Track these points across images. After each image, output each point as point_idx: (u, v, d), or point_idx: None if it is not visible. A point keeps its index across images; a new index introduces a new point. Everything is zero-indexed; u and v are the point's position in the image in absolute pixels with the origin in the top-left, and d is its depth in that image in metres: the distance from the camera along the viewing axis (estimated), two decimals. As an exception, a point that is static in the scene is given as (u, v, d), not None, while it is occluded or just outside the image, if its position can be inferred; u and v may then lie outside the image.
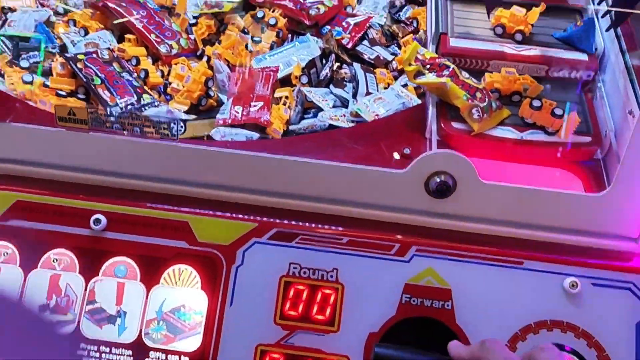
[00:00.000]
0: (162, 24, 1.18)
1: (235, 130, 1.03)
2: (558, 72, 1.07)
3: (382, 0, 1.30)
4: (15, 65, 1.10)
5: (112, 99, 1.04)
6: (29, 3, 1.24)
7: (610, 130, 0.99)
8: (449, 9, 1.16)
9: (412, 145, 1.00)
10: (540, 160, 0.99)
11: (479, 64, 1.07)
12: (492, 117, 1.00)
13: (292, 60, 1.17)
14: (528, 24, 1.10)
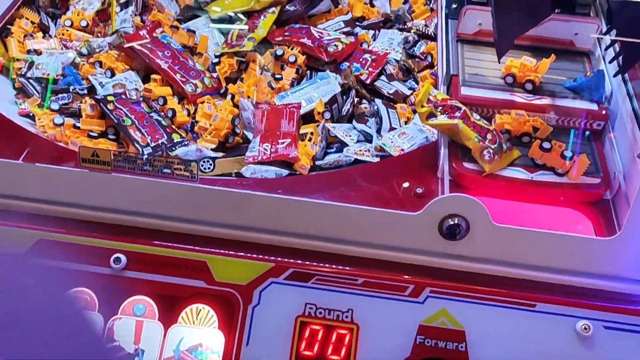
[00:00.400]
0: (187, 63, 1.21)
1: (265, 167, 1.06)
2: (568, 121, 1.09)
3: (397, 37, 1.34)
4: (49, 108, 1.13)
5: (143, 139, 1.06)
6: (54, 45, 1.27)
7: (619, 172, 1.00)
8: (460, 51, 1.18)
9: (425, 184, 1.02)
10: (550, 201, 1.00)
11: (490, 112, 1.09)
12: (503, 158, 1.01)
13: (313, 97, 1.20)
14: (538, 74, 1.12)
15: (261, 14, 1.33)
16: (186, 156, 1.08)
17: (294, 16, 1.35)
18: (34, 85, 1.18)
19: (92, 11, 1.38)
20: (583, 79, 1.11)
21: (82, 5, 1.41)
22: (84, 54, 1.27)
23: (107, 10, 1.31)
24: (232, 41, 1.29)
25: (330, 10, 1.38)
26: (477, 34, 1.20)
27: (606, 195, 1.01)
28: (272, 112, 1.16)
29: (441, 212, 0.91)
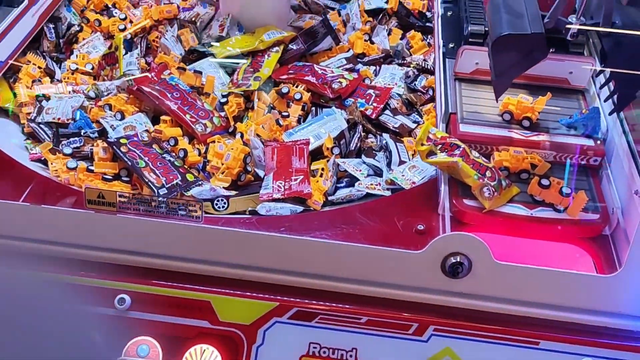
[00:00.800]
0: (195, 104, 1.23)
1: (280, 204, 1.07)
2: (566, 157, 1.11)
3: (398, 72, 1.37)
4: (58, 152, 1.14)
5: (158, 181, 1.07)
6: (62, 89, 1.29)
7: (617, 207, 1.02)
8: (457, 89, 1.20)
9: (426, 221, 1.03)
10: (550, 237, 1.01)
11: (488, 149, 1.12)
12: (503, 195, 1.03)
13: (321, 133, 1.22)
14: (535, 111, 1.14)
15: (265, 53, 1.36)
16: (200, 195, 1.09)
17: (297, 54, 1.39)
18: (45, 130, 1.20)
19: (97, 55, 1.40)
20: (579, 116, 1.14)
21: (86, 49, 1.43)
22: (92, 97, 1.29)
23: (114, 54, 1.33)
24: (238, 80, 1.31)
25: (331, 47, 1.42)
26: (474, 72, 1.22)
27: (605, 230, 1.02)
28: (282, 149, 1.18)
29: (443, 250, 0.92)
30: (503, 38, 0.98)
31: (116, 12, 1.53)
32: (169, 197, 1.06)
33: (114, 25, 1.48)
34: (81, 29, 1.48)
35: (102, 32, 1.48)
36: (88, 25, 1.49)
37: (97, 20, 1.49)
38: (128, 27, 1.46)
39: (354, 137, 1.22)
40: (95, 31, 1.49)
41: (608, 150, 1.10)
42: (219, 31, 1.40)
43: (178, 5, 1.53)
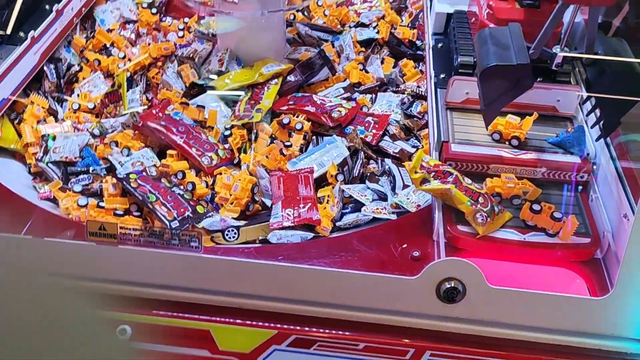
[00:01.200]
0: (200, 137, 1.26)
1: (290, 232, 1.10)
2: (554, 174, 1.14)
3: (394, 99, 1.42)
4: (68, 190, 1.15)
5: (169, 214, 1.09)
6: (66, 128, 1.31)
7: (607, 231, 1.04)
8: (449, 118, 1.24)
9: (421, 247, 1.05)
10: (543, 261, 1.03)
11: (479, 168, 1.15)
12: (495, 221, 1.05)
13: (323, 161, 1.26)
14: (523, 130, 1.18)
15: (264, 85, 1.40)
16: (212, 227, 1.11)
17: (295, 86, 1.43)
18: (53, 169, 1.21)
19: (98, 93, 1.43)
20: (565, 135, 1.18)
21: (87, 88, 1.46)
22: (97, 135, 1.31)
23: (117, 91, 1.36)
24: (240, 113, 1.34)
25: (328, 78, 1.46)
26: (465, 102, 1.26)
27: (597, 254, 1.04)
28: (288, 178, 1.21)
29: (438, 275, 0.95)
30: (490, 69, 1.01)
31: (115, 51, 1.56)
32: (181, 229, 1.08)
33: (114, 64, 1.52)
34: (81, 68, 1.51)
35: (102, 71, 1.51)
36: (87, 65, 1.52)
37: (96, 59, 1.52)
38: (127, 65, 1.50)
39: (356, 164, 1.26)
40: (95, 70, 1.51)
41: (595, 172, 1.14)
42: (218, 66, 1.43)
43: (175, 42, 1.57)
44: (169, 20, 1.68)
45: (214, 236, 1.13)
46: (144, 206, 1.15)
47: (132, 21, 1.68)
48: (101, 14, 1.65)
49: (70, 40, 1.54)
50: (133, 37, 1.63)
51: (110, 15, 1.65)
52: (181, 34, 1.62)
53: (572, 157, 1.16)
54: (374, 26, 1.66)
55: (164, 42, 1.58)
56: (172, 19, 1.68)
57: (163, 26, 1.65)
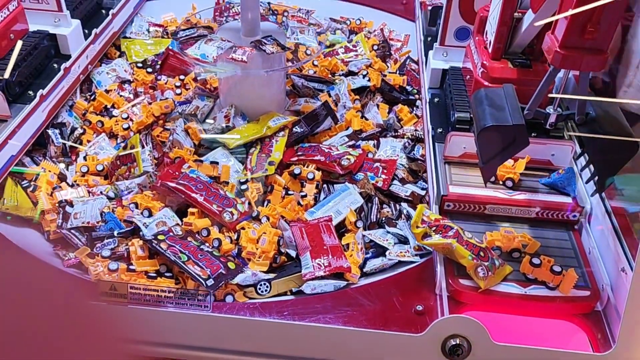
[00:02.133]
0: (218, 193, 1.29)
1: (324, 282, 1.13)
2: (547, 213, 1.19)
3: (397, 144, 1.49)
4: (97, 255, 1.16)
5: (203, 273, 1.11)
6: (82, 193, 1.31)
7: (606, 284, 1.08)
8: (447, 172, 1.29)
9: (424, 301, 1.08)
10: (545, 314, 1.07)
11: (476, 208, 1.21)
12: (496, 274, 1.08)
13: (339, 208, 1.30)
14: (516, 172, 1.25)
15: (272, 138, 1.44)
16: (244, 282, 1.14)
17: (301, 136, 1.47)
18: (76, 235, 1.21)
19: (105, 155, 1.44)
20: (557, 176, 1.25)
21: (94, 151, 1.47)
22: (112, 197, 1.32)
23: (130, 154, 1.37)
24: (252, 167, 1.38)
25: (331, 127, 1.52)
26: (463, 156, 1.31)
27: (597, 306, 1.07)
28: (310, 228, 1.25)
29: (443, 332, 0.97)
30: (488, 129, 1.04)
31: (116, 112, 1.58)
32: (217, 287, 1.10)
33: (117, 125, 1.53)
34: (84, 131, 1.52)
35: (105, 132, 1.52)
36: (90, 127, 1.53)
37: (99, 121, 1.53)
38: (131, 126, 1.52)
39: (372, 209, 1.30)
40: (98, 132, 1.53)
41: (594, 227, 1.18)
42: (225, 122, 1.47)
43: (173, 99, 1.60)
44: (164, 79, 1.71)
45: (246, 291, 1.15)
46: (173, 266, 1.16)
47: (128, 81, 1.70)
48: (97, 75, 1.67)
49: (72, 104, 1.55)
50: (131, 97, 1.65)
51: (107, 77, 1.68)
52: (179, 91, 1.66)
53: (564, 197, 1.22)
54: (364, 74, 1.73)
55: (163, 100, 1.61)
56: (167, 77, 1.72)
57: (160, 84, 1.68)
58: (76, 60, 1.52)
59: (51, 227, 1.25)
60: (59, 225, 1.23)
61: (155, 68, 1.74)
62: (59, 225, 1.23)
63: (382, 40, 1.88)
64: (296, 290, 1.15)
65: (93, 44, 1.60)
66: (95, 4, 1.70)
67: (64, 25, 1.51)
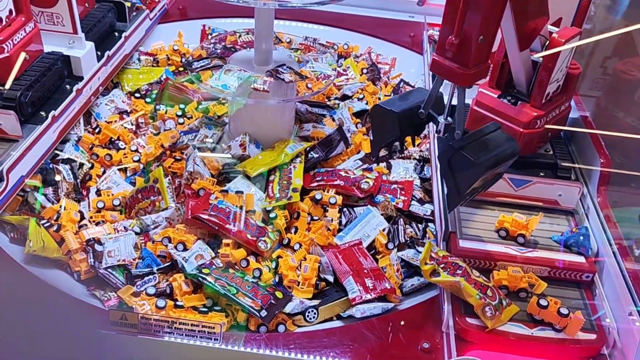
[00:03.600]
0: (250, 223, 1.29)
1: (373, 305, 1.16)
2: (559, 273, 1.18)
3: (409, 165, 1.54)
4: (143, 293, 1.14)
5: (255, 304, 1.12)
6: (108, 230, 1.28)
7: (613, 328, 1.09)
8: (456, 209, 1.27)
9: (430, 339, 1.09)
10: (551, 356, 1.07)
11: (487, 264, 1.19)
12: (504, 314, 1.09)
13: (366, 231, 1.34)
14: (529, 229, 1.23)
15: (289, 164, 1.46)
16: (293, 310, 1.15)
17: (316, 162, 1.50)
18: (113, 274, 1.19)
19: (119, 189, 1.42)
20: (570, 234, 1.23)
21: (107, 185, 1.44)
22: (137, 232, 1.30)
23: (152, 187, 1.35)
24: (275, 194, 1.39)
25: (343, 151, 1.56)
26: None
27: (603, 350, 1.08)
28: (344, 253, 1.28)
29: None
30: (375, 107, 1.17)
31: (122, 144, 1.56)
32: (271, 318, 1.11)
33: (126, 157, 1.51)
34: (92, 165, 1.48)
35: (113, 165, 1.50)
36: (97, 162, 1.50)
37: (108, 155, 1.50)
38: (141, 158, 1.50)
39: (399, 230, 1.35)
40: (107, 166, 1.50)
41: (599, 268, 1.18)
42: (241, 150, 1.47)
43: (176, 129, 1.59)
44: (162, 108, 1.69)
45: (295, 319, 1.16)
46: (219, 299, 1.16)
47: (126, 112, 1.67)
48: (96, 107, 1.64)
49: (79, 138, 1.52)
50: (133, 128, 1.63)
51: (106, 108, 1.64)
52: (181, 121, 1.65)
53: (577, 257, 1.20)
54: (360, 97, 1.78)
55: (168, 130, 1.59)
56: (166, 106, 1.70)
57: (160, 114, 1.66)
58: (88, 82, 1.50)
59: (82, 267, 1.22)
60: (92, 264, 1.20)
61: (152, 97, 1.72)
62: (92, 265, 1.20)
63: (370, 64, 1.94)
64: (345, 315, 1.17)
65: (105, 66, 1.59)
66: (108, 27, 1.69)
67: (79, 47, 1.50)
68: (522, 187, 1.30)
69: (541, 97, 1.29)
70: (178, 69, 1.86)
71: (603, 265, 1.18)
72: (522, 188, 1.30)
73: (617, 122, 1.39)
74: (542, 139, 1.35)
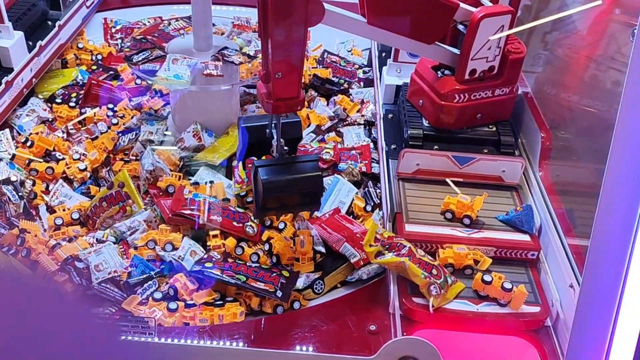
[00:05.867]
0: (230, 210, 1.27)
1: (374, 265, 1.20)
2: (505, 252, 1.19)
3: (359, 131, 1.58)
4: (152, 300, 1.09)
5: (269, 287, 1.12)
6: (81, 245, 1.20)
7: (556, 300, 1.10)
8: (401, 189, 1.30)
9: (377, 320, 1.09)
10: (496, 330, 1.08)
11: (434, 247, 1.19)
12: (449, 292, 1.10)
13: (340, 200, 1.38)
14: (474, 210, 1.23)
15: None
16: (303, 285, 1.16)
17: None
18: (109, 287, 1.12)
19: (74, 202, 1.32)
20: (514, 213, 1.22)
21: (58, 200, 1.33)
22: (113, 241, 1.23)
23: (118, 192, 1.28)
24: (243, 178, 1.38)
25: (294, 127, 1.56)
26: (416, 172, 1.31)
27: (547, 322, 1.10)
28: (328, 223, 1.30)
29: (394, 354, 0.98)
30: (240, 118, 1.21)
31: (59, 155, 1.44)
32: (288, 297, 1.11)
33: (70, 167, 1.40)
34: (34, 182, 1.36)
35: (56, 178, 1.39)
36: (37, 177, 1.38)
37: (49, 168, 1.39)
38: (87, 166, 1.40)
39: (370, 192, 1.40)
40: (49, 180, 1.38)
41: (544, 245, 1.19)
42: (196, 141, 1.43)
43: (118, 132, 1.51)
44: (89, 111, 1.58)
45: (304, 294, 1.18)
46: (226, 290, 1.14)
47: (48, 120, 1.55)
48: (17, 120, 1.49)
49: (12, 156, 1.38)
50: (64, 136, 1.51)
51: (28, 119, 1.51)
52: (115, 121, 1.56)
53: (522, 235, 1.21)
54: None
55: (104, 133, 1.50)
56: (91, 108, 1.60)
57: (88, 118, 1.56)
58: (19, 74, 1.40)
59: (67, 288, 1.13)
60: (80, 283, 1.12)
61: (72, 101, 1.60)
62: (81, 284, 1.12)
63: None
64: (353, 279, 1.20)
65: (38, 57, 1.49)
66: (40, 15, 1.57)
67: (6, 37, 1.40)
68: (466, 165, 1.30)
69: (463, 72, 1.27)
70: (91, 68, 1.74)
71: (545, 240, 1.20)
72: (467, 165, 1.30)
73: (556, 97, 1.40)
74: (466, 117, 1.32)
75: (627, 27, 0.98)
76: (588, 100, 1.23)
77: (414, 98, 1.39)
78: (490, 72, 1.30)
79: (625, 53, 0.94)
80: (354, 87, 1.76)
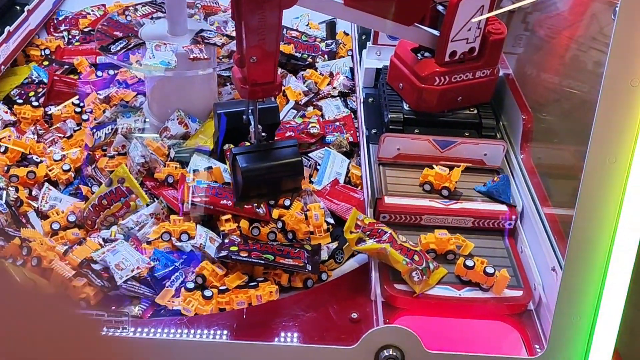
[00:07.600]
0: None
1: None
2: (483, 222, 1.19)
3: (338, 102, 1.60)
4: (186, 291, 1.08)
5: (299, 262, 1.13)
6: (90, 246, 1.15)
7: (538, 284, 1.09)
8: (382, 174, 1.29)
9: (359, 308, 1.07)
10: (479, 315, 1.07)
11: (413, 219, 1.19)
12: (431, 278, 1.09)
13: (335, 171, 1.40)
14: (452, 180, 1.23)
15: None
16: (327, 256, 1.18)
17: (255, 120, 1.49)
18: (136, 285, 1.08)
19: (66, 204, 1.26)
20: (492, 184, 1.24)
21: (49, 205, 1.27)
22: (122, 239, 1.19)
23: (119, 188, 1.23)
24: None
25: (274, 104, 1.56)
26: (397, 157, 1.30)
27: (529, 305, 1.09)
28: (332, 194, 1.32)
29: (376, 344, 0.96)
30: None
31: (36, 158, 1.36)
32: (318, 269, 1.13)
33: (52, 170, 1.33)
34: (17, 189, 1.28)
35: (38, 182, 1.31)
36: (18, 183, 1.30)
37: (31, 172, 1.31)
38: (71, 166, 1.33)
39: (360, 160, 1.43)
40: (31, 185, 1.31)
41: (523, 220, 1.19)
42: (183, 128, 1.40)
43: (91, 128, 1.44)
44: (54, 109, 1.50)
45: (327, 264, 1.20)
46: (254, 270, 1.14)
47: (12, 123, 1.45)
48: (-20, 126, 1.39)
49: (-11, 163, 1.29)
50: (35, 137, 1.43)
51: (-9, 124, 1.41)
52: (85, 117, 1.48)
53: (499, 206, 1.21)
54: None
55: (78, 130, 1.44)
56: (55, 106, 1.51)
57: (55, 116, 1.48)
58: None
59: (88, 292, 1.08)
60: (104, 285, 1.08)
61: (33, 100, 1.51)
62: (104, 286, 1.08)
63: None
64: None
65: (6, 43, 1.42)
66: (7, 0, 1.49)
67: None
68: (447, 149, 1.29)
69: (443, 54, 1.27)
70: (42, 63, 1.64)
71: (528, 223, 1.19)
72: (448, 149, 1.29)
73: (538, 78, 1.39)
74: (446, 100, 1.32)
75: (608, 7, 0.96)
76: (570, 81, 1.25)
77: (394, 81, 1.39)
78: (470, 54, 1.30)
79: (607, 33, 0.94)
80: (319, 60, 1.77)
